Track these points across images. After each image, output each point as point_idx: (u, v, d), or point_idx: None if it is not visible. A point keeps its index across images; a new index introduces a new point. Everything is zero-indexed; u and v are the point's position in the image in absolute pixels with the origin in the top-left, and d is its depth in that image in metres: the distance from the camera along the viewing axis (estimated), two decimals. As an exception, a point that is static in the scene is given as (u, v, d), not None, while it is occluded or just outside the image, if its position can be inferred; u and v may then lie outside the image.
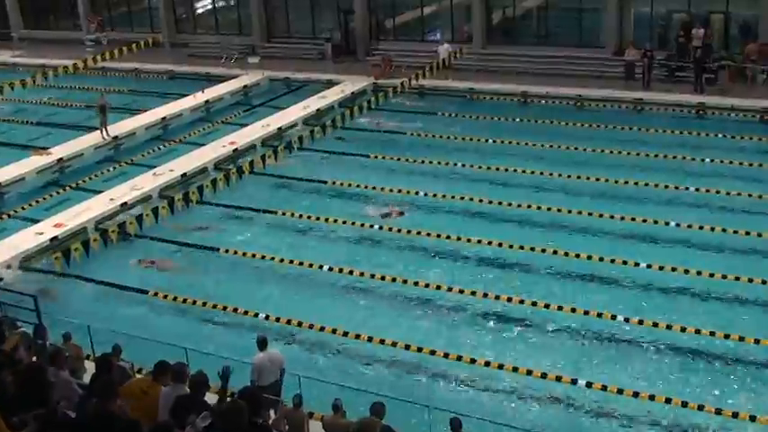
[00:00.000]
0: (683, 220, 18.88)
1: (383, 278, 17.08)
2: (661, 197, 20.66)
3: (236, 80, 33.25)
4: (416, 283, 16.79)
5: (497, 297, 16.06)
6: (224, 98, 31.60)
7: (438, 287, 16.57)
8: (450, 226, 19.39)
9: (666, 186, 20.98)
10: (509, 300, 15.96)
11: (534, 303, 15.79)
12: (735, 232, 18.22)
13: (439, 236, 18.75)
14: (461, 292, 16.35)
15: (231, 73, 34.21)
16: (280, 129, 27.22)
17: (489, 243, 18.33)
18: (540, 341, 14.94)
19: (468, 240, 18.50)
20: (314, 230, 20.03)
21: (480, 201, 20.72)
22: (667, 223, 18.88)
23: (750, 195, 20.15)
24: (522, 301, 15.86)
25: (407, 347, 14.57)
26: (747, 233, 18.09)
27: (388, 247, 18.80)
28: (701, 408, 12.68)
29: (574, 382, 13.43)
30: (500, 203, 20.46)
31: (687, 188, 20.88)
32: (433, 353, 14.38)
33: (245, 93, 32.61)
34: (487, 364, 14.03)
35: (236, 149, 25.31)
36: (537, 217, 19.76)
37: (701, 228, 18.56)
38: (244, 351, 12.73)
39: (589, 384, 13.31)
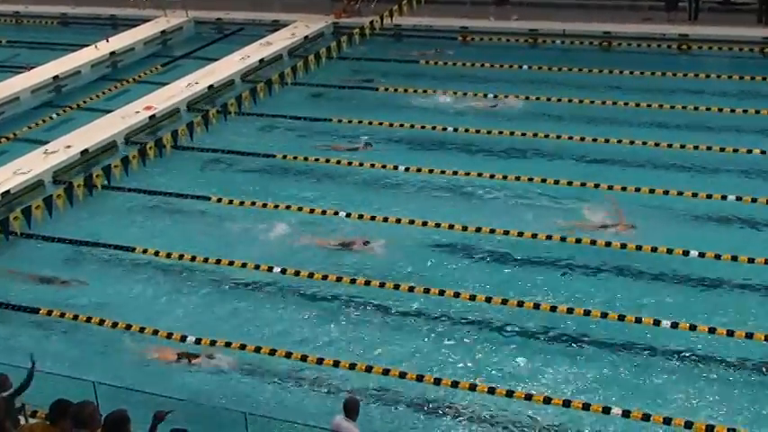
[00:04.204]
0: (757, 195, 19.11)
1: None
2: (721, 165, 20.84)
3: (151, 24, 33.18)
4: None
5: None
6: (135, 49, 31.57)
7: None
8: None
9: (722, 150, 21.21)
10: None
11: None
12: None
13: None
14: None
15: (144, 14, 34.07)
16: (211, 87, 27.23)
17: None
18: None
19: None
20: (254, 227, 20.00)
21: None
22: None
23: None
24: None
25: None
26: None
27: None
28: None
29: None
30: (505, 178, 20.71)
31: (750, 151, 21.10)
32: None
33: (163, 41, 32.57)
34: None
35: (154, 116, 25.30)
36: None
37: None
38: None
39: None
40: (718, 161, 20.95)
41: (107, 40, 31.28)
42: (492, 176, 20.75)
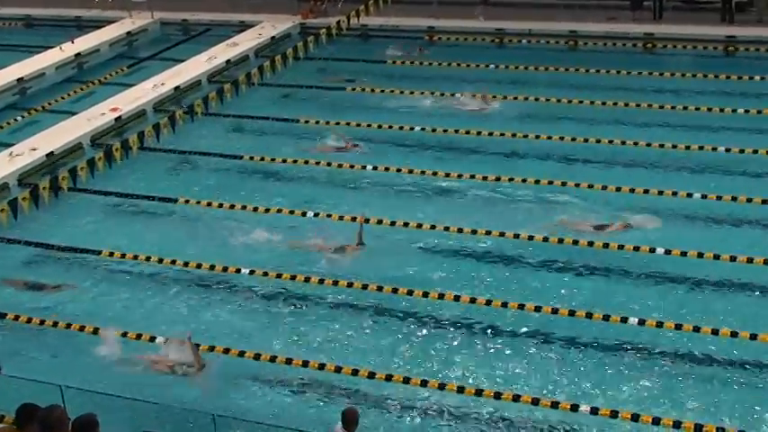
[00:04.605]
0: (710, 193, 19.30)
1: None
2: (682, 162, 21.03)
3: (116, 25, 33.06)
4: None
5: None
6: (101, 50, 31.45)
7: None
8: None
9: (688, 147, 21.37)
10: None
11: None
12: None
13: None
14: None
15: (109, 16, 33.91)
16: (177, 89, 27.15)
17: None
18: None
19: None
20: (222, 229, 19.89)
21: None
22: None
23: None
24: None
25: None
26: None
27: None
28: None
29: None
30: (471, 177, 20.79)
31: (715, 148, 21.26)
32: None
33: (128, 42, 32.47)
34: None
35: (120, 118, 25.18)
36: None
37: (734, 199, 19.01)
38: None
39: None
40: (683, 159, 21.09)
41: (72, 42, 31.08)
42: (459, 176, 20.81)
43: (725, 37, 27.83)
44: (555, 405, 13.71)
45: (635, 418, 13.25)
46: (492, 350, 15.27)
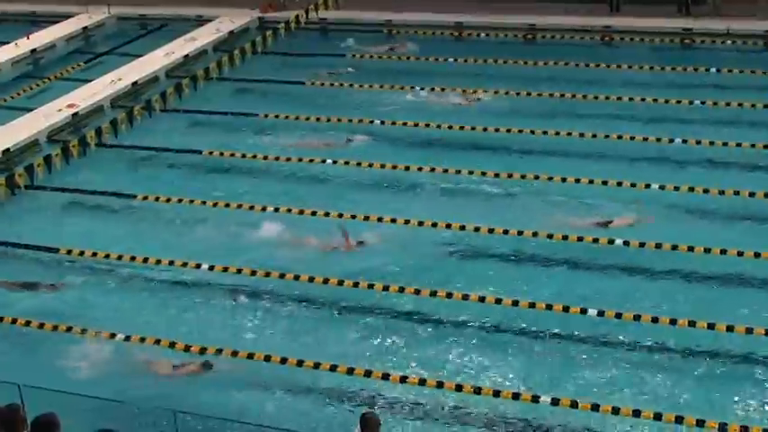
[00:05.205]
0: (667, 182, 19.48)
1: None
2: (640, 152, 21.20)
3: (72, 20, 32.72)
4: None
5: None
6: (57, 45, 31.15)
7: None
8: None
9: (646, 139, 21.56)
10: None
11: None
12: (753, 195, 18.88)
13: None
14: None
15: (66, 11, 33.63)
16: (135, 84, 26.98)
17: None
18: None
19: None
20: (182, 225, 19.85)
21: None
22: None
23: (753, 146, 20.82)
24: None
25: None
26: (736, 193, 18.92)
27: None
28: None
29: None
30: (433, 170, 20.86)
31: (672, 140, 21.48)
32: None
33: (85, 37, 32.21)
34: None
35: (77, 114, 25.01)
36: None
37: (691, 189, 19.20)
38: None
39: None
40: (641, 150, 21.26)
41: (27, 38, 30.79)
42: (420, 169, 20.88)
43: (681, 29, 28.03)
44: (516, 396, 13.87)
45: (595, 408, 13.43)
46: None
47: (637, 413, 13.27)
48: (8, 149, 22.98)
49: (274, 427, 12.51)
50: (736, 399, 13.66)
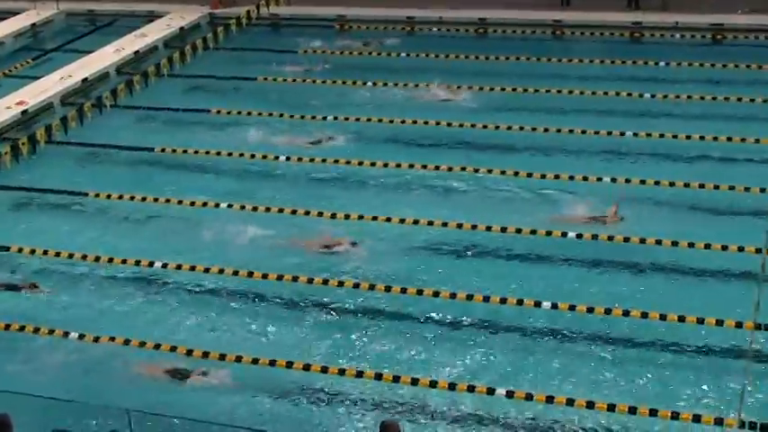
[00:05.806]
0: (619, 175, 19.70)
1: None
2: (594, 146, 21.39)
3: (21, 17, 32.47)
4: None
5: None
6: (5, 42, 30.89)
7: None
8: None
9: (597, 132, 21.75)
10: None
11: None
12: (702, 186, 19.09)
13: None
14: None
15: (13, 7, 33.32)
16: (85, 81, 26.80)
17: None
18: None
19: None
20: (134, 222, 19.76)
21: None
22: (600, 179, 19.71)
23: (702, 138, 21.06)
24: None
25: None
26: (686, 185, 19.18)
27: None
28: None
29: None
30: (386, 166, 20.90)
31: (623, 134, 21.67)
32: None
33: (33, 34, 31.96)
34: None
35: (26, 111, 24.78)
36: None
37: (642, 182, 19.44)
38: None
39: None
40: (590, 144, 21.46)
41: (-26, 35, 30.55)
42: (373, 164, 20.90)
43: (631, 23, 28.32)
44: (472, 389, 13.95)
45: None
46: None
47: (591, 405, 13.41)
48: (-44, 148, 22.76)
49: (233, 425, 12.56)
50: (688, 391, 13.81)
